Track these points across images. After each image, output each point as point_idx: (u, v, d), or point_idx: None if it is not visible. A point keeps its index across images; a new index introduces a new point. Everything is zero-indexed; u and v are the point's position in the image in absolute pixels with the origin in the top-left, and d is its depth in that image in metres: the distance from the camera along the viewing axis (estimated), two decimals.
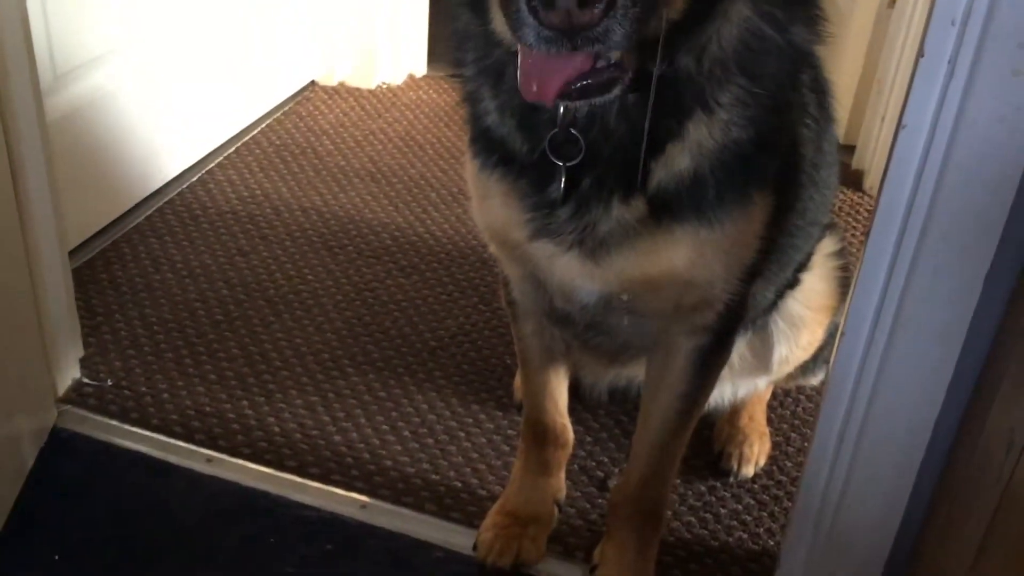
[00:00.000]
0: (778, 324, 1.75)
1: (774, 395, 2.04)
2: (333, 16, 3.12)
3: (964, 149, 1.15)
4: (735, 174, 1.21)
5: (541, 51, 0.95)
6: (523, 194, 1.27)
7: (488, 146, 1.32)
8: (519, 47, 1.04)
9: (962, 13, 1.13)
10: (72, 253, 2.16)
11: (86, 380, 1.98)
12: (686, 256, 1.25)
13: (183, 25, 2.53)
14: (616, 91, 1.06)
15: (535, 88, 1.03)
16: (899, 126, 1.21)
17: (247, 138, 2.87)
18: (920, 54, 1.17)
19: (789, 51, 1.21)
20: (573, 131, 1.20)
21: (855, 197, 2.73)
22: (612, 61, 1.03)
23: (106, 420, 1.90)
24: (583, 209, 1.23)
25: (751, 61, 1.17)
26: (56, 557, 1.65)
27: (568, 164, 1.20)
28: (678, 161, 1.20)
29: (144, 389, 1.98)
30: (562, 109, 1.18)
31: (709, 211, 1.22)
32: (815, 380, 1.92)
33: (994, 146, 1.13)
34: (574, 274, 1.30)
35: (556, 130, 1.20)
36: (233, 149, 2.81)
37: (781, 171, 1.31)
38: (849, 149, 2.85)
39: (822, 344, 1.81)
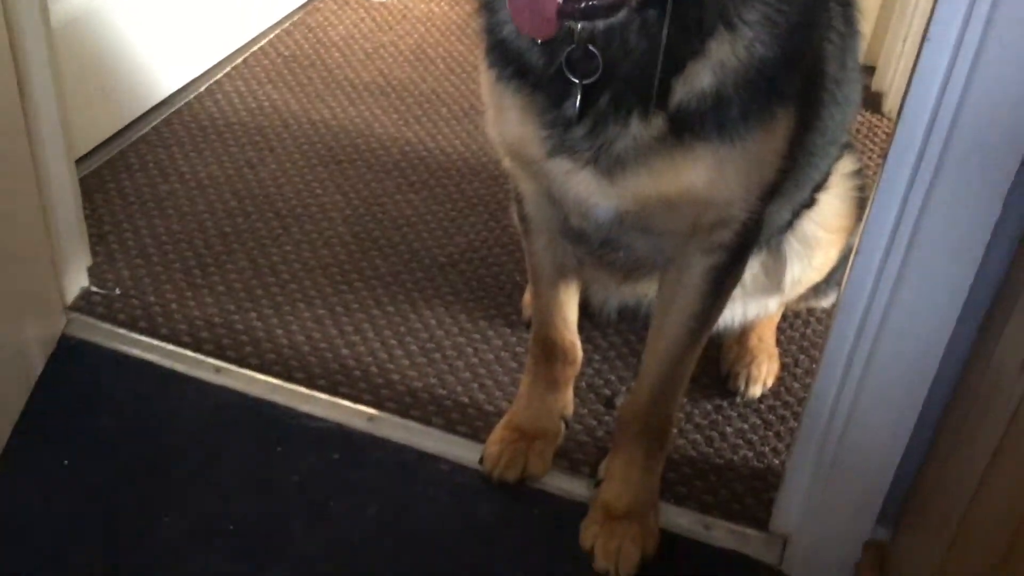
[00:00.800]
0: (792, 244, 1.73)
1: (784, 316, 2.03)
2: None
3: (991, 63, 1.11)
4: (759, 92, 1.18)
5: None
6: (540, 109, 1.25)
7: (504, 57, 1.29)
8: None
9: None
10: (79, 162, 2.14)
11: (94, 288, 1.97)
12: (706, 174, 1.23)
13: None
14: (622, 15, 1.04)
15: (527, 16, 1.00)
16: (924, 39, 1.17)
17: (255, 48, 2.82)
18: None
19: None
20: (591, 47, 1.16)
21: (874, 119, 2.68)
22: None
23: (114, 328, 1.90)
24: (600, 126, 1.21)
25: None
26: (64, 462, 1.67)
27: (585, 82, 1.17)
28: (700, 79, 1.17)
29: (152, 299, 1.97)
30: (579, 25, 1.15)
31: (731, 129, 1.19)
32: (827, 302, 1.91)
33: (1021, 65, 1.10)
34: (590, 191, 1.28)
35: (573, 46, 1.17)
36: (241, 59, 2.77)
37: (804, 87, 1.28)
38: (869, 70, 2.78)
39: (835, 266, 1.79)
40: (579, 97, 1.18)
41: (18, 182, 1.70)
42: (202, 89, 2.62)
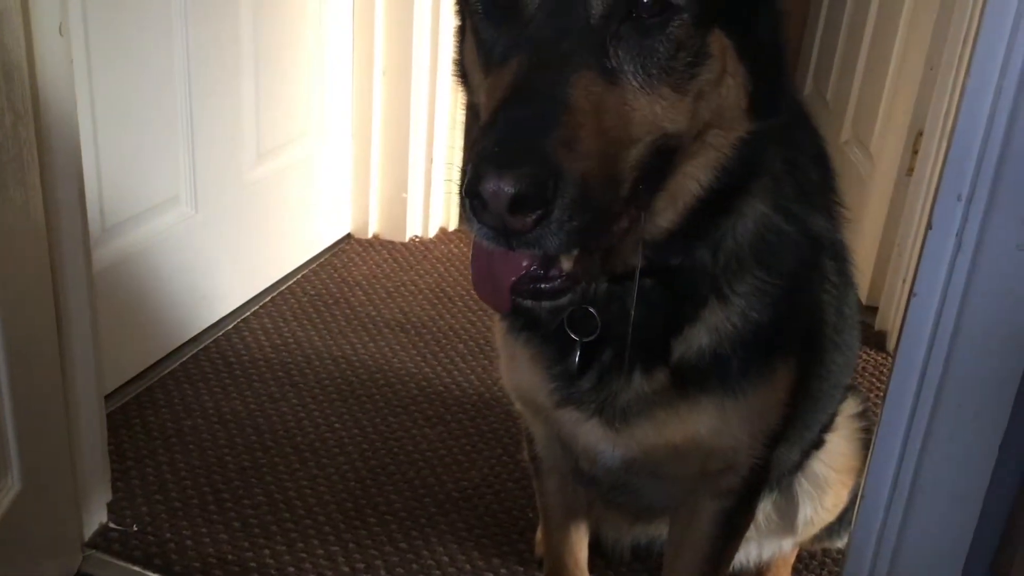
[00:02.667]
0: (803, 485, 1.75)
1: (799, 557, 2.01)
2: (368, 172, 3.26)
3: (974, 319, 1.19)
4: (757, 350, 1.25)
5: (485, 244, 0.98)
6: (548, 362, 1.31)
7: (515, 310, 1.37)
8: (472, 246, 1.09)
9: (968, 188, 1.18)
10: (108, 397, 2.21)
11: (112, 525, 1.99)
12: (710, 424, 1.28)
13: (226, 181, 2.66)
14: (566, 299, 1.08)
15: (488, 289, 1.07)
16: (911, 294, 1.25)
17: (283, 288, 2.96)
18: (929, 226, 1.22)
19: (806, 242, 1.26)
20: (591, 309, 1.23)
21: (879, 358, 2.75)
22: (563, 271, 1.05)
23: (129, 566, 1.90)
24: (604, 380, 1.27)
25: (768, 254, 1.22)
26: None
27: (586, 340, 1.24)
28: (697, 340, 1.24)
29: (168, 535, 1.99)
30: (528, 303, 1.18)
31: (732, 382, 1.25)
32: (840, 542, 1.90)
33: (1003, 317, 1.16)
34: (597, 439, 1.33)
35: (572, 307, 1.24)
36: (269, 298, 2.89)
37: (804, 337, 1.35)
38: (872, 310, 2.88)
39: (846, 506, 1.80)
40: (578, 354, 1.24)
41: (48, 421, 1.76)
42: (231, 326, 2.73)
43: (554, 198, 0.93)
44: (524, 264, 1.05)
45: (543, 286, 1.05)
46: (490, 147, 0.94)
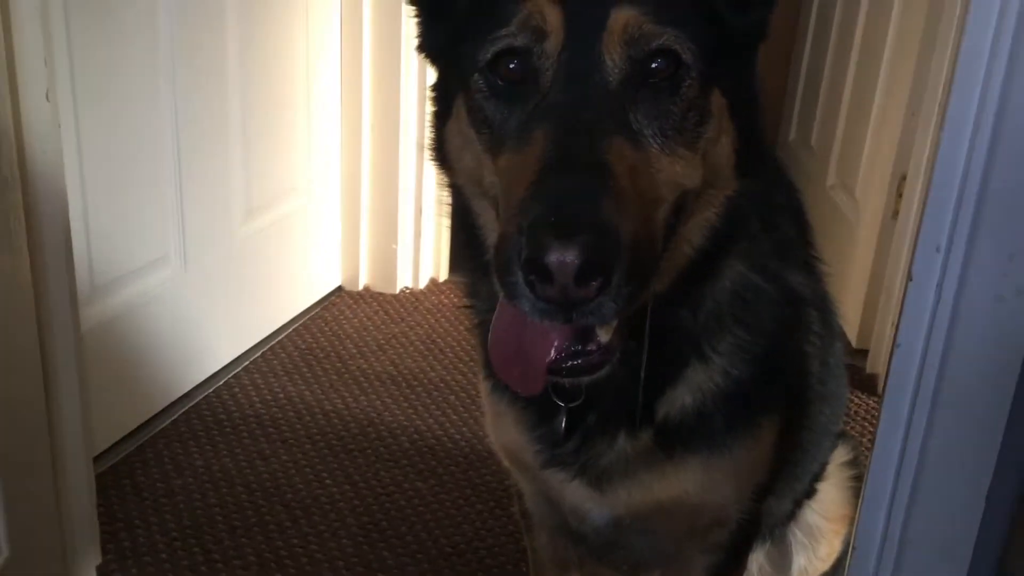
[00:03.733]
0: (796, 534, 1.75)
1: None
2: (357, 224, 3.27)
3: (957, 370, 1.19)
4: (740, 405, 1.25)
5: (537, 319, 0.96)
6: (531, 424, 1.31)
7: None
8: (491, 333, 1.07)
9: (946, 240, 1.19)
10: (98, 458, 2.20)
11: None
12: (696, 481, 1.28)
13: (215, 239, 2.67)
14: (604, 371, 1.07)
15: (518, 373, 1.05)
16: (894, 344, 1.26)
17: (274, 342, 2.96)
18: (909, 278, 1.23)
19: (784, 299, 1.27)
20: None
21: (870, 402, 2.74)
22: (601, 344, 1.04)
23: None
24: (588, 442, 1.27)
25: (747, 312, 1.23)
26: None
27: (570, 405, 1.24)
28: (681, 400, 1.25)
29: None
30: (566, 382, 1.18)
31: (717, 439, 1.25)
32: None
33: (985, 367, 1.17)
34: (583, 499, 1.33)
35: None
36: (260, 354, 2.89)
37: (788, 391, 1.35)
38: (862, 353, 2.88)
39: (841, 555, 1.79)
40: (564, 419, 1.24)
41: (36, 484, 1.76)
42: (221, 383, 2.73)
43: (615, 263, 0.92)
44: (556, 342, 1.03)
45: (581, 361, 1.04)
46: (544, 218, 0.92)
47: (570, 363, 1.04)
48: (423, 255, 3.37)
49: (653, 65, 1.04)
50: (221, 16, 2.54)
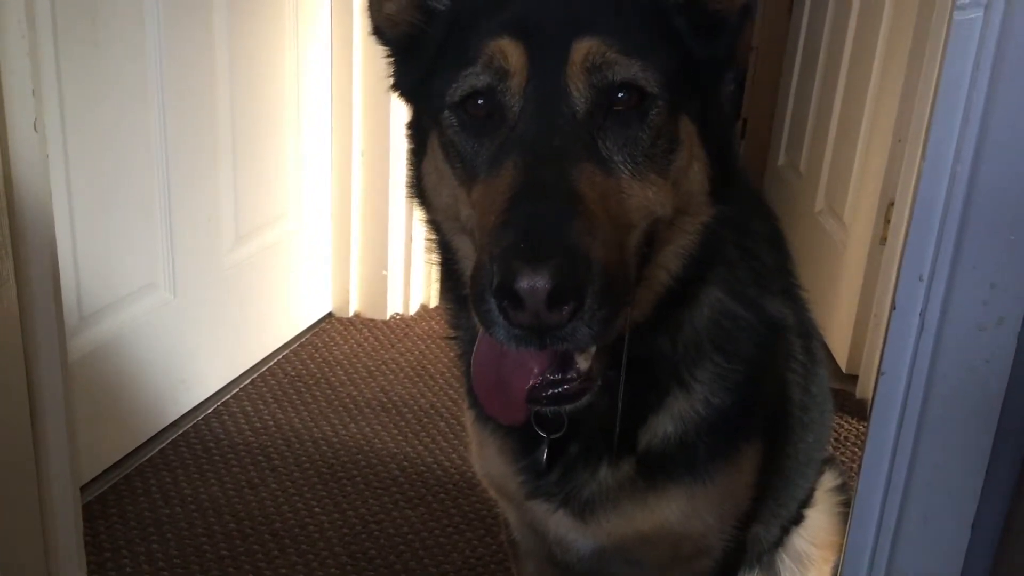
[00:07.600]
0: (784, 561, 1.75)
1: None
2: (348, 251, 3.28)
3: (941, 397, 1.19)
4: (722, 433, 1.25)
5: (511, 346, 0.97)
6: (514, 455, 1.32)
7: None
8: (471, 364, 1.08)
9: (928, 269, 1.20)
10: (86, 487, 2.19)
11: None
12: (678, 510, 1.28)
13: (205, 265, 2.67)
14: (585, 400, 1.07)
15: (497, 403, 1.05)
16: (879, 372, 1.26)
17: (263, 369, 2.95)
18: (892, 307, 1.23)
19: (763, 326, 1.27)
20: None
21: (860, 427, 2.75)
22: (581, 372, 1.05)
23: None
24: (570, 473, 1.27)
25: (726, 340, 1.24)
26: None
27: (553, 436, 1.24)
28: (662, 428, 1.25)
29: None
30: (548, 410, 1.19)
31: (699, 467, 1.26)
32: None
33: (968, 395, 1.17)
34: (567, 529, 1.33)
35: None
36: (249, 380, 2.89)
37: (769, 418, 1.36)
38: (852, 379, 2.89)
39: None
40: (546, 451, 1.25)
41: (22, 514, 1.75)
42: (210, 410, 2.72)
43: (586, 287, 0.93)
44: (536, 370, 1.03)
45: (561, 390, 1.04)
46: (514, 245, 0.93)
47: (550, 391, 1.04)
48: (413, 281, 3.38)
49: (619, 95, 1.06)
50: (210, 44, 2.55)
